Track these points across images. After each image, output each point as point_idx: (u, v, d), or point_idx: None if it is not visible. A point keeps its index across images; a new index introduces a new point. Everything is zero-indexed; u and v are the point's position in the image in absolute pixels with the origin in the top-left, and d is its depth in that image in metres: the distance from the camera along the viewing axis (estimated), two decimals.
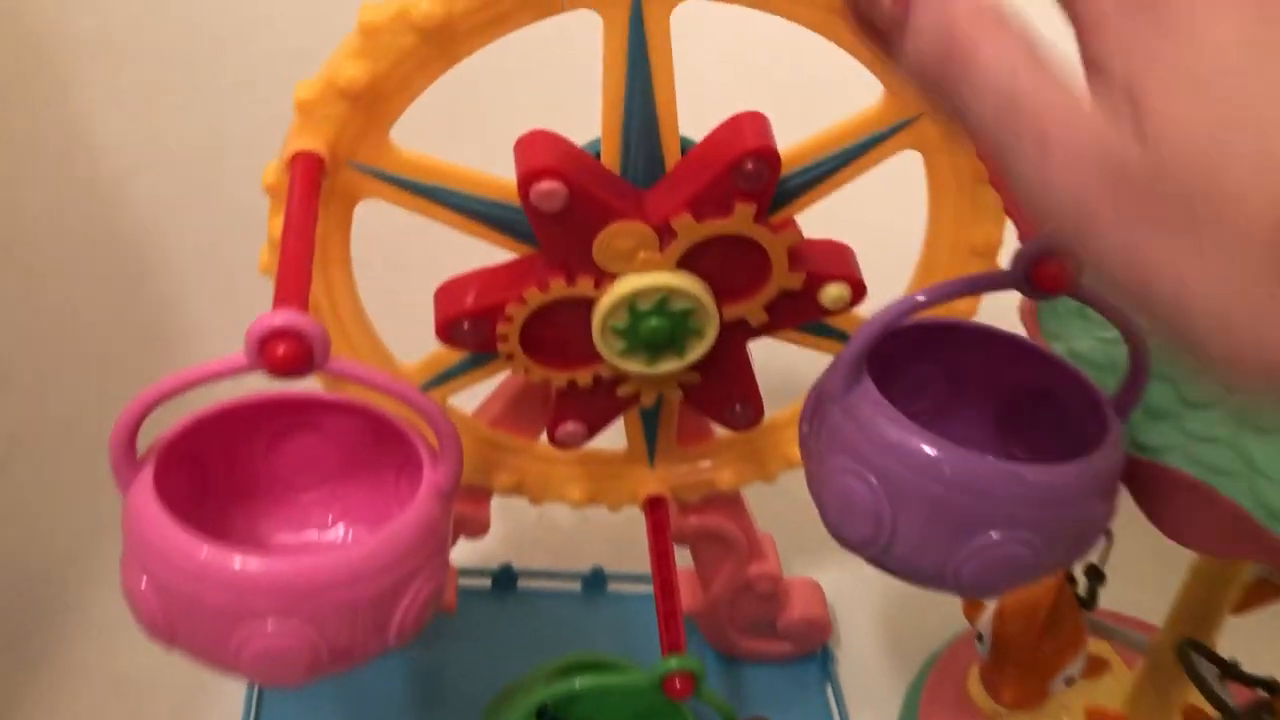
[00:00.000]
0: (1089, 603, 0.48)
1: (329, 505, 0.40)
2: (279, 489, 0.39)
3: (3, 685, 0.50)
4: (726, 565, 0.51)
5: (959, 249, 0.43)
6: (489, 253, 0.40)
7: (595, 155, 0.39)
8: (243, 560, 0.31)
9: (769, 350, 0.43)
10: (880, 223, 0.45)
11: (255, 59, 0.37)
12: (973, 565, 0.35)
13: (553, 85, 0.52)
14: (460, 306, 0.39)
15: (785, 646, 0.55)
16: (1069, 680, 0.47)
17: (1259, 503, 0.35)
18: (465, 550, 0.59)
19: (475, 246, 0.40)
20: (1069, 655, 0.47)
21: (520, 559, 0.60)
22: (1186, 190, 0.19)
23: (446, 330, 0.40)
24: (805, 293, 0.41)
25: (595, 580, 0.59)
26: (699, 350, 0.41)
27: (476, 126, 0.48)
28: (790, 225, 0.39)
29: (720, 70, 0.51)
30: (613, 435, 0.47)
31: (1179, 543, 0.38)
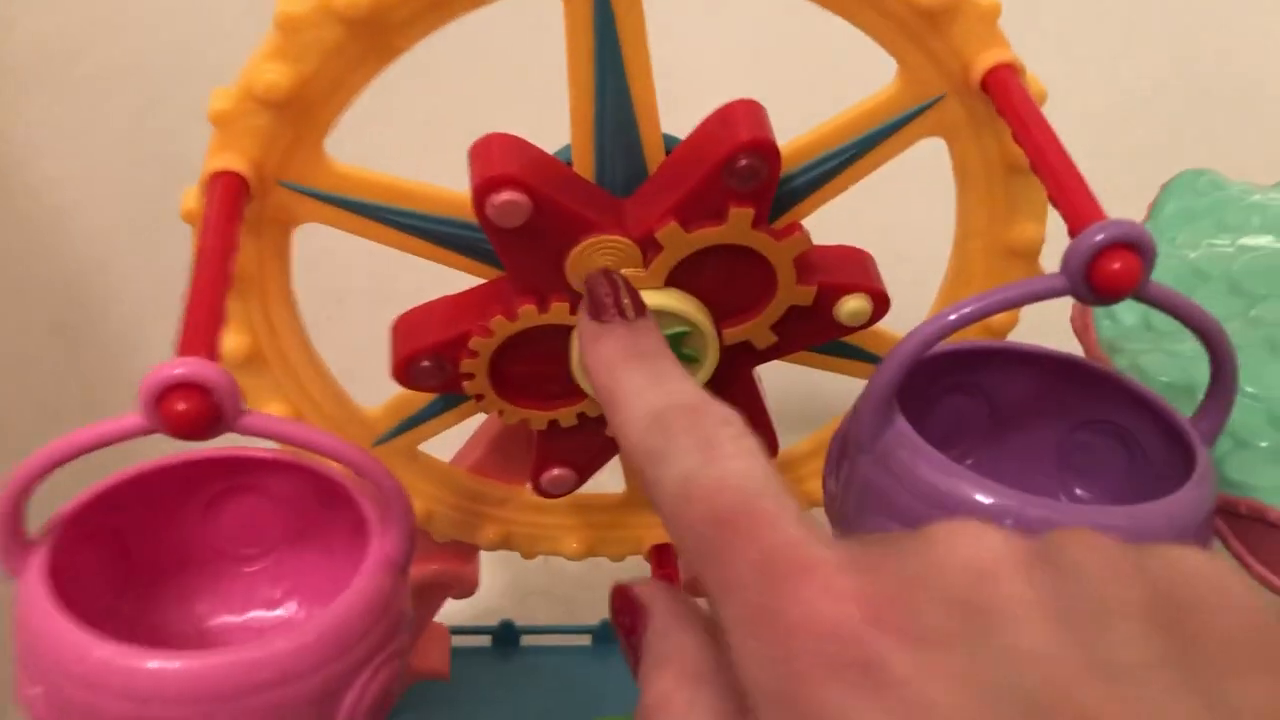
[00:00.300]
0: None
1: (277, 579, 0.34)
2: (218, 563, 0.34)
3: None
4: None
5: (994, 251, 0.37)
6: (472, 280, 0.35)
7: (567, 162, 0.33)
8: (144, 659, 0.26)
9: (785, 373, 0.38)
10: (902, 225, 0.40)
11: (202, 86, 0.32)
12: None
13: (513, 83, 0.46)
14: (418, 342, 0.34)
15: None
16: None
17: None
18: (460, 607, 0.54)
19: (459, 274, 0.35)
20: None
21: (523, 613, 0.55)
22: None
23: (404, 370, 0.34)
24: (818, 308, 0.35)
25: (606, 633, 0.53)
26: (698, 379, 0.35)
27: (427, 134, 0.43)
28: (796, 230, 0.33)
29: (706, 54, 0.46)
30: (611, 477, 0.42)
31: (1276, 592, 0.32)
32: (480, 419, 0.43)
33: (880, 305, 0.35)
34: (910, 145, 0.35)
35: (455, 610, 0.54)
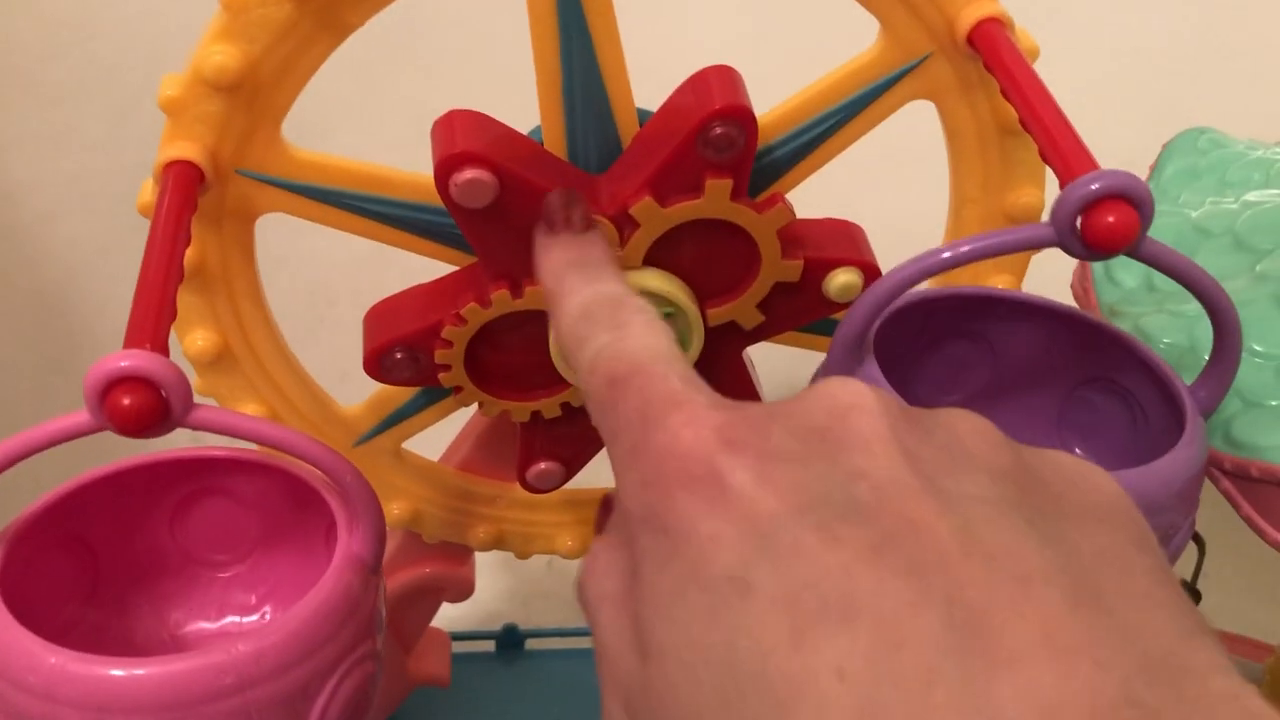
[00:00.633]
0: None
1: (251, 584, 0.33)
2: (192, 569, 0.33)
3: None
4: None
5: (991, 217, 0.35)
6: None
7: (539, 142, 0.32)
8: (99, 667, 0.25)
9: (783, 364, 0.37)
10: (895, 195, 0.38)
11: None
12: None
13: (481, 59, 0.45)
14: (390, 333, 0.33)
15: None
16: None
17: None
18: (463, 612, 0.53)
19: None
20: None
21: (527, 617, 0.53)
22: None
23: (375, 362, 0.33)
24: (806, 284, 0.33)
25: None
26: None
27: (391, 116, 0.41)
28: (778, 202, 0.32)
29: (680, 22, 0.44)
30: (603, 472, 0.40)
31: None
32: (466, 416, 0.41)
33: (872, 279, 0.34)
34: (897, 109, 0.33)
35: (457, 615, 0.53)
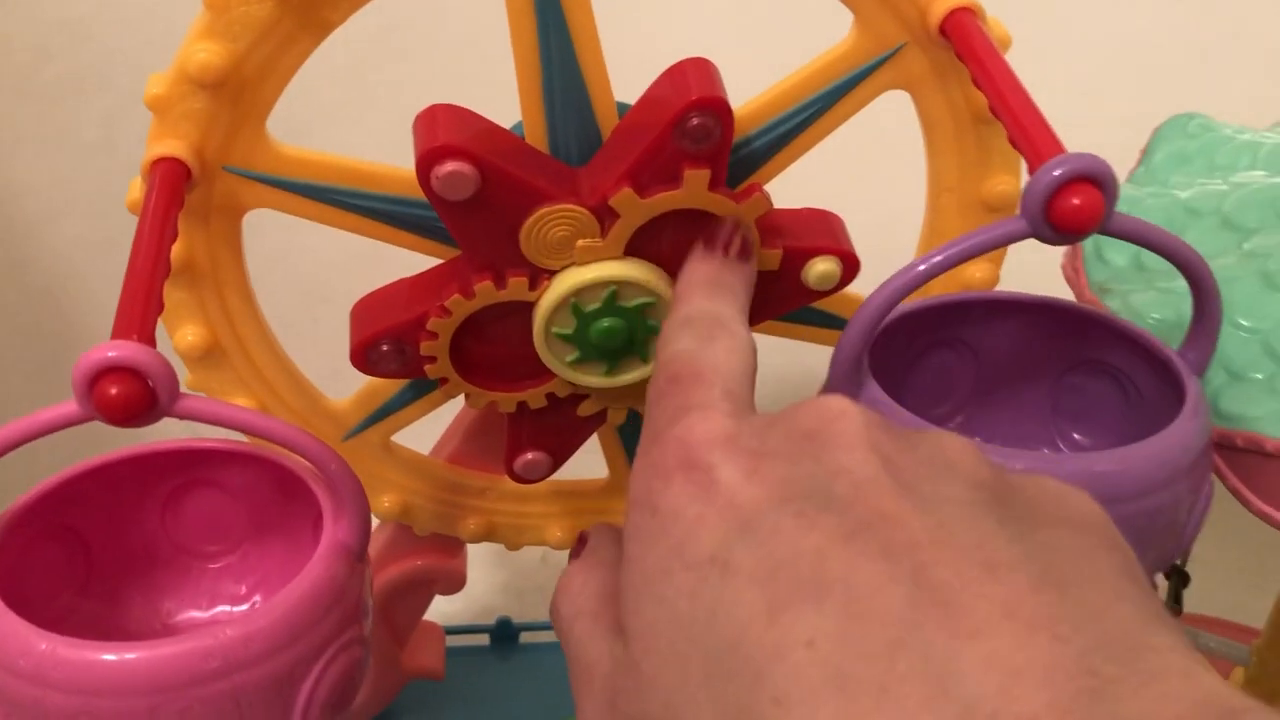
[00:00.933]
0: (1173, 608, 0.41)
1: (241, 575, 0.34)
2: (183, 559, 0.33)
3: None
4: None
5: (968, 206, 0.36)
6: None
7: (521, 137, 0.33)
8: (89, 651, 0.25)
9: (779, 356, 0.37)
10: (873, 185, 0.39)
11: None
12: None
13: (462, 57, 0.46)
14: (375, 325, 0.33)
15: None
16: None
17: None
18: (458, 606, 0.54)
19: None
20: None
21: (522, 611, 0.53)
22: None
23: (362, 354, 0.34)
24: (786, 273, 0.34)
25: None
26: None
27: (374, 115, 0.42)
28: (756, 191, 0.32)
29: (656, 15, 0.45)
30: (594, 462, 0.41)
31: (1277, 527, 0.30)
32: (455, 410, 0.42)
33: (850, 267, 0.34)
34: (872, 100, 0.34)
35: (452, 609, 0.53)
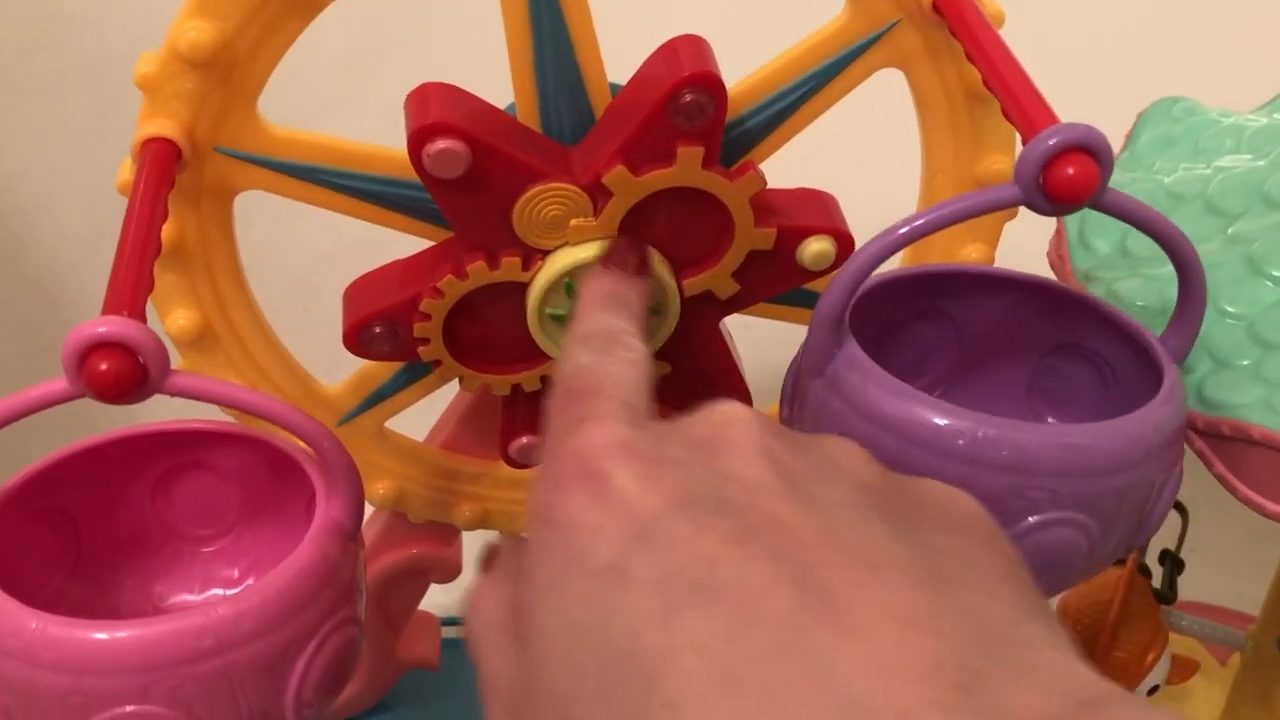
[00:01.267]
0: (1168, 595, 0.41)
1: (234, 558, 0.33)
2: (175, 542, 0.33)
3: None
4: None
5: (963, 185, 0.36)
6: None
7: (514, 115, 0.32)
8: (80, 630, 0.25)
9: (771, 348, 0.37)
10: (869, 166, 0.39)
11: None
12: None
13: (454, 40, 0.45)
14: (368, 307, 0.33)
15: None
16: (1153, 690, 0.39)
17: None
18: (454, 596, 0.53)
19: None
20: (1149, 659, 0.39)
21: None
22: None
23: (355, 336, 0.33)
24: (780, 253, 0.34)
25: None
26: (661, 334, 0.34)
27: (366, 99, 0.42)
28: (750, 170, 0.32)
29: None
30: None
31: (1268, 516, 0.30)
32: (448, 397, 0.42)
33: (845, 247, 0.34)
34: (866, 78, 0.34)
35: (448, 601, 0.53)
